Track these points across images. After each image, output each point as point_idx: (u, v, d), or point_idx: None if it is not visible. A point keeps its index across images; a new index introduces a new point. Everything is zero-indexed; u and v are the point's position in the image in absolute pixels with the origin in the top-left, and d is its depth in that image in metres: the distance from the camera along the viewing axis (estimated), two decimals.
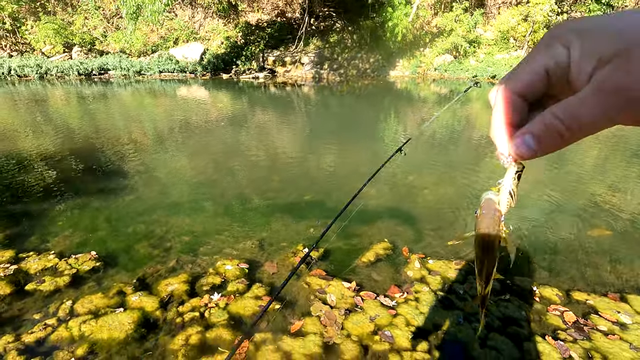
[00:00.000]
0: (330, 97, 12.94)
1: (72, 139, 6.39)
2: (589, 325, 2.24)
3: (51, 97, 11.22)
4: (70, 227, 3.30)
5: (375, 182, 4.40)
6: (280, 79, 17.35)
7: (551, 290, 2.55)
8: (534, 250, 3.09)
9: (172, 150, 5.89)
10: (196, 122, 8.17)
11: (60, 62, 16.32)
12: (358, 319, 2.23)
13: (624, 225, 3.55)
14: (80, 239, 3.10)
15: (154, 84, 14.80)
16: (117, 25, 19.50)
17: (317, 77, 17.89)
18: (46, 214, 3.54)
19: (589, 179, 4.90)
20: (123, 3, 12.99)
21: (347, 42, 19.14)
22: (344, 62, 18.66)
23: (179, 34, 19.23)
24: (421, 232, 3.35)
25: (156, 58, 17.79)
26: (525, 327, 2.21)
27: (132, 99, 11.57)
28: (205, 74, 17.52)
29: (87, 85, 13.94)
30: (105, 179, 4.55)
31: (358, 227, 3.32)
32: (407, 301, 2.40)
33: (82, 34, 18.50)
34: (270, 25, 19.79)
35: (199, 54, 18.06)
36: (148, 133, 7.12)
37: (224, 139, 6.69)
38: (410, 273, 2.71)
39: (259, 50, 18.53)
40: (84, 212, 3.60)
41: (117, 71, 16.59)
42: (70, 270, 2.64)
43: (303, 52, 18.57)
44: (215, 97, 12.39)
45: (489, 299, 0.36)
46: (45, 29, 17.39)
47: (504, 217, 0.43)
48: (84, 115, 8.66)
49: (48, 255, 2.81)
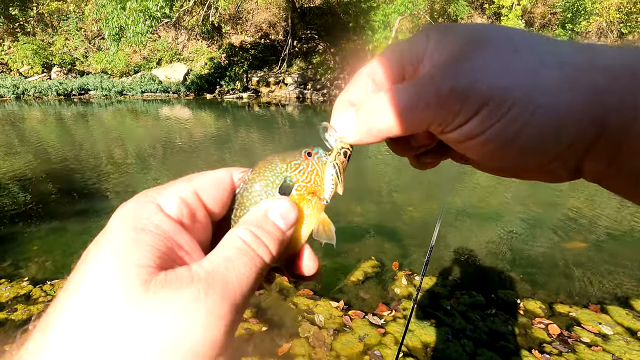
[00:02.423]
0: (314, 116, 13.11)
1: (49, 160, 6.20)
2: (572, 337, 2.28)
3: (27, 118, 10.93)
4: (45, 252, 3.16)
5: (361, 199, 4.44)
6: (264, 99, 17.50)
7: (535, 303, 2.59)
8: (515, 263, 3.15)
9: (154, 171, 5.79)
10: (179, 141, 8.10)
11: (38, 83, 16.00)
12: (347, 339, 2.20)
13: (598, 238, 3.68)
14: (56, 264, 2.97)
15: (136, 104, 14.66)
16: (99, 46, 19.41)
17: (301, 97, 18.15)
18: (20, 238, 3.39)
19: (566, 194, 5.08)
20: (105, 24, 12.98)
21: (330, 63, 19.60)
22: (327, 83, 19.04)
23: (162, 55, 19.27)
24: (407, 248, 3.37)
25: (138, 78, 17.69)
26: (512, 341, 2.23)
27: (113, 119, 11.40)
28: (189, 94, 17.50)
29: (66, 106, 13.67)
30: (84, 201, 4.41)
31: (344, 245, 3.32)
32: (395, 319, 2.39)
33: (62, 54, 18.29)
34: (254, 47, 20.13)
35: (183, 75, 18.09)
36: (129, 153, 7.00)
37: (207, 159, 6.64)
38: (398, 290, 2.71)
39: (243, 71, 18.73)
40: (60, 236, 3.47)
41: (98, 91, 16.38)
42: (45, 297, 2.51)
43: (287, 73, 18.88)
44: (198, 116, 12.36)
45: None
46: (23, 49, 17.11)
47: (328, 199, 0.34)
48: (62, 136, 8.46)
49: (21, 282, 2.67)
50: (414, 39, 0.30)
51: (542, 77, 0.24)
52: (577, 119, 0.24)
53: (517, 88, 0.24)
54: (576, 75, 0.24)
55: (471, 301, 2.58)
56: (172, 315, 0.21)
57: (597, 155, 0.25)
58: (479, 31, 0.27)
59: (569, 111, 0.24)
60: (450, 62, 0.26)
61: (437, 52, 0.28)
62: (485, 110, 0.25)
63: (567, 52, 0.25)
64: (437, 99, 0.25)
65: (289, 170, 0.32)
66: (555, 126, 0.24)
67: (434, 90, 0.26)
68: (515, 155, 0.26)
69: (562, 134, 0.24)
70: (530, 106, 0.24)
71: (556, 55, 0.24)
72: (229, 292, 0.23)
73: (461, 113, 0.25)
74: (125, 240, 0.23)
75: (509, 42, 0.26)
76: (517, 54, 0.25)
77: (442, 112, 0.26)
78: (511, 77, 0.24)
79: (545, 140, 0.24)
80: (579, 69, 0.24)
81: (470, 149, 0.27)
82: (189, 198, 0.28)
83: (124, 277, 0.21)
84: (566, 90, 0.23)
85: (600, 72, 0.23)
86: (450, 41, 0.27)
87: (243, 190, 0.31)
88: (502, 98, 0.24)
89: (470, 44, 0.26)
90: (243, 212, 0.31)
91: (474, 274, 3.00)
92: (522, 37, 0.26)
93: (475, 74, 0.25)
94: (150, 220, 0.25)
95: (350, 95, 0.32)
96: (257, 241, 0.27)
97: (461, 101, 0.25)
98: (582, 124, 0.24)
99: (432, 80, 0.26)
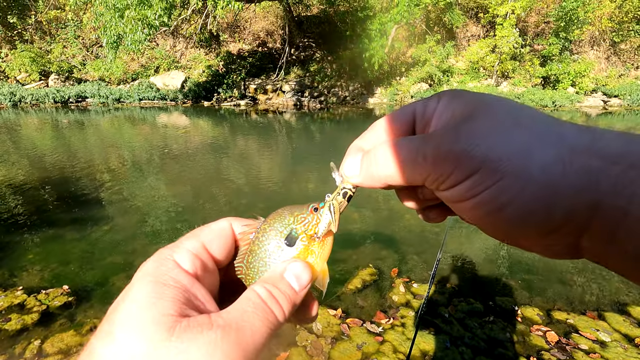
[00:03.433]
0: (311, 124, 13.16)
1: (45, 168, 6.18)
2: (570, 345, 2.28)
3: (24, 125, 10.91)
4: (41, 260, 3.13)
5: (359, 206, 4.45)
6: (261, 106, 17.57)
7: (532, 310, 2.59)
8: (513, 270, 3.16)
9: (151, 178, 5.78)
10: (176, 148, 8.10)
11: (35, 90, 15.99)
12: (345, 348, 2.18)
13: None
14: (51, 273, 2.94)
15: (134, 112, 14.67)
16: (97, 53, 19.47)
17: (298, 105, 18.23)
18: (14, 246, 3.36)
19: None
20: (103, 32, 13.04)
21: (327, 71, 19.74)
22: (324, 90, 19.16)
23: (160, 63, 19.35)
24: (405, 256, 3.37)
25: (136, 86, 17.73)
26: (510, 348, 2.23)
27: (110, 126, 11.40)
28: (186, 102, 17.54)
29: (63, 113, 13.65)
30: (80, 209, 4.39)
31: (342, 252, 3.31)
32: (393, 327, 2.38)
33: (60, 62, 18.33)
34: (251, 55, 20.26)
35: (180, 82, 18.15)
36: (126, 161, 6.99)
37: (205, 166, 6.64)
38: (396, 298, 2.70)
39: (241, 78, 18.83)
40: (56, 244, 3.44)
41: (95, 99, 16.38)
42: (39, 306, 2.48)
43: (284, 81, 19.00)
44: (196, 124, 12.38)
45: None
46: (21, 57, 17.13)
47: (320, 236, 0.34)
48: (58, 144, 8.44)
49: (15, 292, 2.64)
50: (428, 100, 0.32)
51: (537, 154, 0.24)
52: (569, 199, 0.24)
53: (511, 160, 0.24)
54: (572, 156, 0.24)
55: (469, 308, 2.58)
56: (193, 355, 0.24)
57: (594, 235, 0.24)
58: (485, 99, 0.28)
59: (560, 191, 0.24)
60: (452, 124, 0.28)
61: (444, 113, 0.30)
62: (476, 176, 0.25)
63: (567, 132, 0.25)
64: (434, 157, 0.27)
65: (295, 223, 0.34)
66: (545, 204, 0.24)
67: (432, 148, 0.27)
68: (504, 225, 0.26)
69: (553, 213, 0.24)
70: (521, 181, 0.24)
71: (556, 135, 0.25)
72: (242, 340, 0.26)
73: (453, 174, 0.26)
74: (149, 293, 0.26)
75: (512, 113, 0.26)
76: (518, 127, 0.26)
77: (437, 170, 0.27)
78: (506, 149, 0.25)
79: (534, 215, 0.25)
80: (576, 150, 0.24)
81: (462, 210, 0.29)
82: (199, 252, 0.31)
83: (151, 325, 0.24)
84: (560, 170, 0.24)
85: (598, 155, 0.23)
86: (458, 104, 0.29)
87: (255, 238, 0.34)
88: (494, 167, 0.25)
89: (475, 110, 0.27)
90: (254, 258, 0.34)
91: (472, 281, 3.00)
92: (526, 112, 0.27)
93: (473, 139, 0.26)
94: (169, 275, 0.28)
95: (362, 142, 0.35)
96: (272, 299, 0.30)
97: (455, 163, 0.26)
98: (575, 205, 0.24)
99: (432, 139, 0.28)
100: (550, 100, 17.46)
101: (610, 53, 19.94)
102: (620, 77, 19.32)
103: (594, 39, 20.08)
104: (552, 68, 18.46)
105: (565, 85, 18.34)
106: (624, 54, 19.75)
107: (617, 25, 19.08)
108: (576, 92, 18.34)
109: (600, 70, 19.65)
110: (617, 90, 18.12)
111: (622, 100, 17.97)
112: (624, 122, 13.87)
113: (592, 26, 19.23)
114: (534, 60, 18.93)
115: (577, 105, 17.83)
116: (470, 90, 0.30)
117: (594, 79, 18.87)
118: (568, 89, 18.42)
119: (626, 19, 18.76)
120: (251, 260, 0.34)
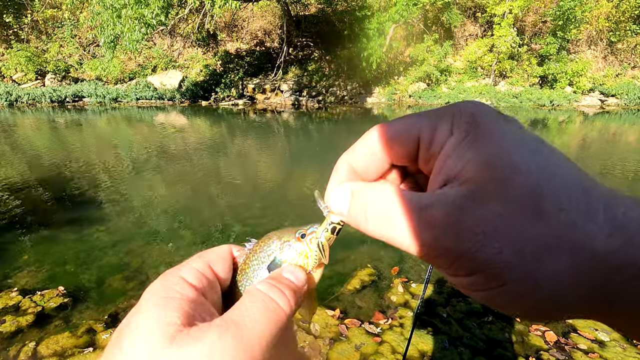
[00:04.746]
0: (309, 123, 13.14)
1: (41, 167, 6.14)
2: (569, 345, 2.28)
3: (20, 125, 10.84)
4: (36, 261, 3.10)
5: None
6: (260, 105, 17.53)
7: None
8: None
9: (148, 178, 5.75)
10: (174, 148, 8.07)
11: (31, 90, 15.91)
12: (343, 349, 2.17)
13: None
14: (46, 274, 2.91)
15: (131, 111, 14.61)
16: (94, 53, 19.38)
17: (296, 104, 18.21)
18: (9, 247, 3.33)
19: None
20: (101, 32, 12.97)
21: (325, 71, 19.73)
22: (323, 90, 19.14)
23: (157, 62, 19.27)
24: (403, 255, 3.36)
25: (133, 85, 17.66)
26: (509, 348, 2.22)
27: (107, 125, 11.35)
28: (184, 101, 17.49)
29: (59, 113, 13.59)
30: (76, 209, 4.35)
31: (341, 253, 3.30)
32: (391, 327, 2.37)
33: (57, 61, 18.23)
34: (249, 54, 20.22)
35: (178, 82, 18.09)
36: (123, 161, 6.95)
37: (202, 166, 6.61)
38: (394, 298, 2.69)
39: (238, 78, 18.78)
40: (51, 244, 3.41)
41: (92, 98, 16.31)
42: (34, 308, 2.46)
43: (282, 80, 18.96)
44: (193, 123, 12.34)
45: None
46: (17, 56, 17.02)
47: (311, 270, 0.34)
48: (55, 143, 8.39)
49: (10, 293, 2.62)
50: (438, 123, 0.26)
51: (548, 262, 0.21)
52: (580, 305, 0.22)
53: (518, 267, 0.21)
54: (590, 268, 0.20)
55: (468, 308, 2.57)
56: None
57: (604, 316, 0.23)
58: (514, 157, 0.22)
59: (569, 300, 0.21)
60: (459, 200, 0.22)
61: (456, 162, 0.24)
62: (477, 277, 0.22)
63: (597, 231, 0.20)
64: (430, 248, 0.23)
65: (279, 250, 0.35)
66: (553, 307, 0.22)
67: (430, 238, 0.23)
68: (508, 312, 0.24)
69: (562, 313, 0.22)
70: (525, 287, 0.21)
71: (581, 233, 0.20)
72: (243, 333, 0.26)
73: (452, 268, 0.23)
74: (156, 305, 0.27)
75: (535, 193, 0.21)
76: (537, 217, 0.21)
77: (435, 259, 0.24)
78: (515, 253, 0.21)
79: (540, 312, 0.23)
80: (596, 258, 0.20)
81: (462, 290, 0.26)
82: (205, 270, 0.33)
83: (156, 334, 0.25)
84: (571, 281, 0.21)
85: (620, 269, 0.20)
86: (474, 156, 0.23)
87: (246, 258, 0.36)
88: (497, 274, 0.22)
89: (494, 181, 0.22)
90: (248, 266, 0.35)
91: None
92: (564, 193, 0.21)
93: (477, 237, 0.22)
94: (174, 288, 0.29)
95: (353, 157, 0.30)
96: (274, 289, 0.30)
97: (452, 260, 0.23)
98: (586, 308, 0.22)
99: (431, 222, 0.23)
100: (548, 99, 17.52)
101: (608, 52, 20.03)
102: (617, 76, 19.40)
103: (591, 39, 20.15)
104: (549, 67, 18.52)
105: (563, 84, 18.40)
106: (621, 53, 19.83)
107: (614, 25, 19.15)
108: (573, 92, 18.41)
109: (597, 69, 19.73)
110: (614, 90, 18.20)
111: (619, 99, 18.05)
112: (620, 121, 13.92)
113: (589, 26, 19.31)
114: (531, 59, 18.98)
115: (574, 104, 17.89)
116: (494, 114, 0.24)
117: (591, 78, 18.94)
118: (565, 88, 18.49)
119: (623, 19, 18.84)
120: (245, 268, 0.35)
